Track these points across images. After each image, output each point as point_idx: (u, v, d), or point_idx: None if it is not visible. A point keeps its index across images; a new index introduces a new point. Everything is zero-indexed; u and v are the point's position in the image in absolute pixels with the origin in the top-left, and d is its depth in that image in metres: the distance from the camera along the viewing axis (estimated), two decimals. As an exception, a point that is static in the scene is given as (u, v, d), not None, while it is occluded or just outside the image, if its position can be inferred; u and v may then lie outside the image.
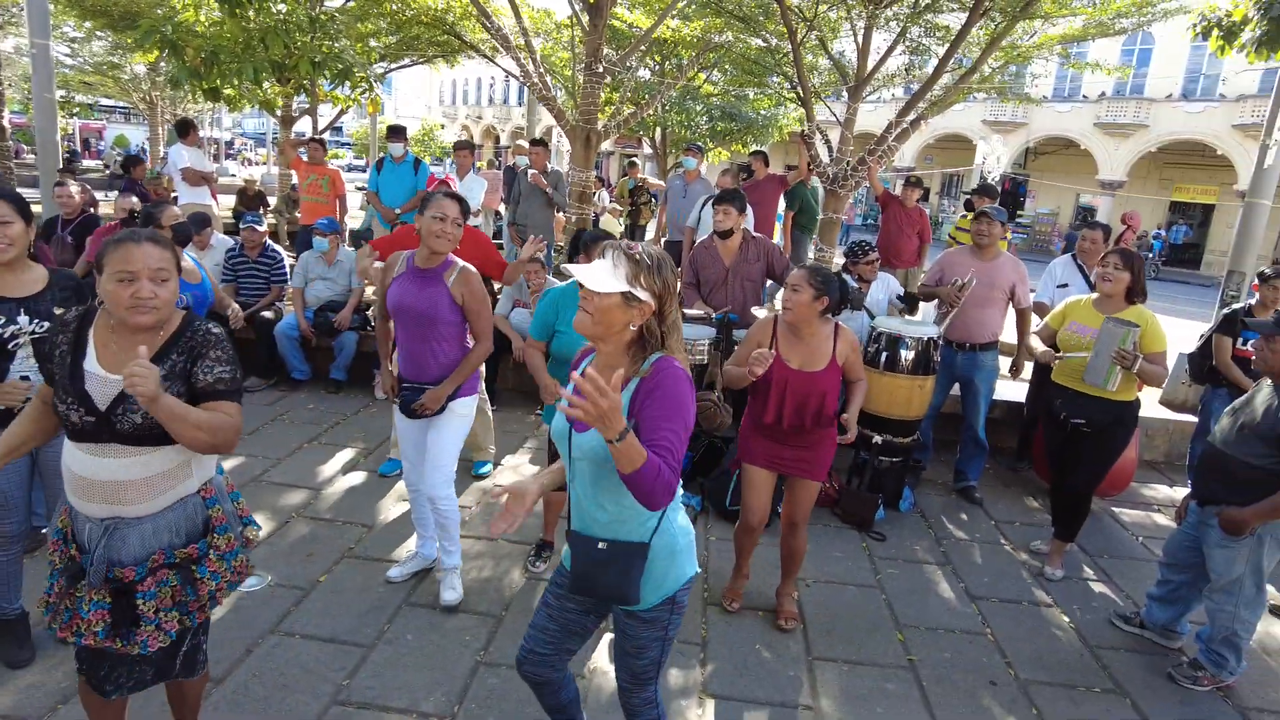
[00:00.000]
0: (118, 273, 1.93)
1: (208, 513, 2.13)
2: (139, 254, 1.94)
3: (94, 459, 1.97)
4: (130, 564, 2.01)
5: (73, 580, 2.03)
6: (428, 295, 3.20)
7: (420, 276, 3.23)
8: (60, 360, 2.01)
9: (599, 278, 1.85)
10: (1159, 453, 6.07)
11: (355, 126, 43.81)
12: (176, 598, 2.06)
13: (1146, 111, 26.57)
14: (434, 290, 3.21)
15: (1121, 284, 3.91)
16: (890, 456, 4.68)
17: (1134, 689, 3.27)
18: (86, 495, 2.00)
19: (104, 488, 1.98)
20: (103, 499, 1.99)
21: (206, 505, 2.14)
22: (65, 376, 1.98)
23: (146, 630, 2.01)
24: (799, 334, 3.26)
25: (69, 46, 22.68)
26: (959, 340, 4.88)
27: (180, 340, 2.05)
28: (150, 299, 1.94)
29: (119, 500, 1.99)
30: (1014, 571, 4.21)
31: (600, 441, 1.80)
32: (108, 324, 2.03)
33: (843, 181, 7.76)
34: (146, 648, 2.01)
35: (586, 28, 8.17)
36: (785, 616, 3.51)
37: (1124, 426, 3.97)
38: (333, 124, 14.58)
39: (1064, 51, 9.87)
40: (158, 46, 7.54)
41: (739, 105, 15.78)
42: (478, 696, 2.90)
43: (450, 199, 3.17)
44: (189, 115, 16.26)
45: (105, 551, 1.99)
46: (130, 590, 2.00)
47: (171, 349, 2.03)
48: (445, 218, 3.14)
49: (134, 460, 1.98)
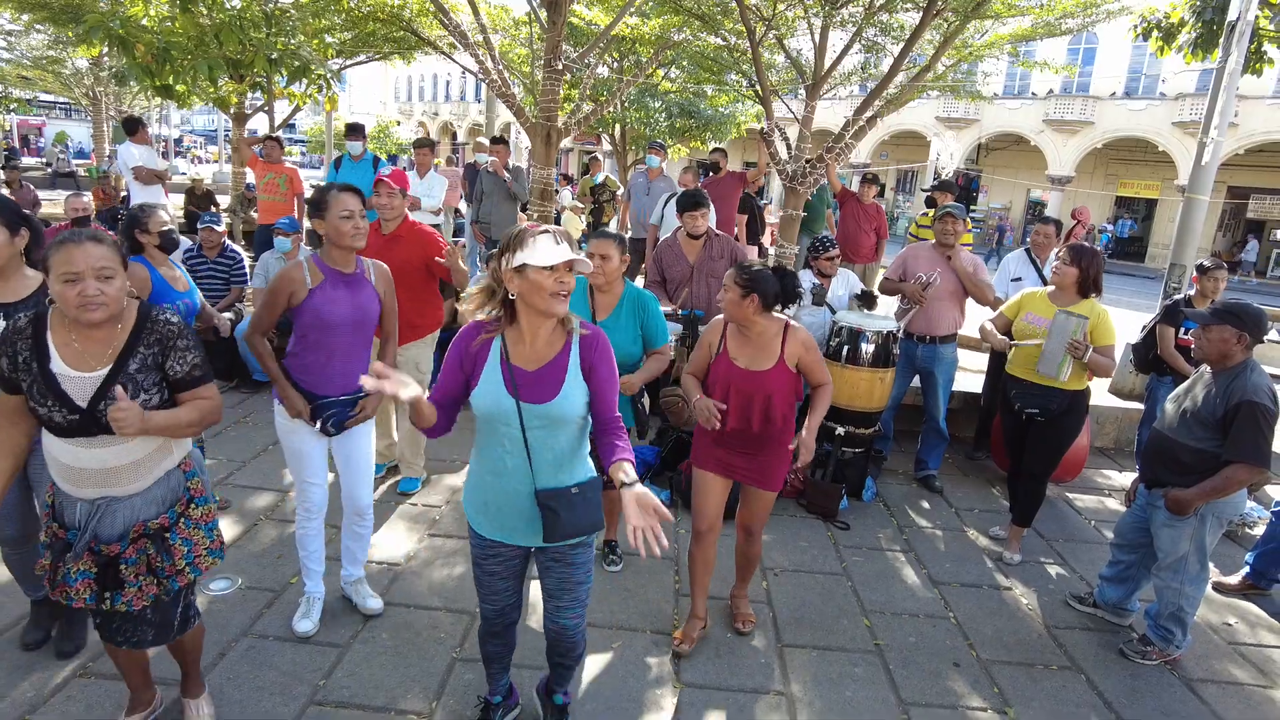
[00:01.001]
0: (63, 274, 1.99)
1: (187, 484, 2.32)
2: (80, 254, 1.99)
3: (84, 450, 2.09)
4: (115, 539, 2.18)
5: (58, 555, 2.19)
6: (363, 299, 3.02)
7: (346, 282, 2.99)
8: (26, 367, 2.05)
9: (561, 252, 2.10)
10: (1109, 439, 6.30)
11: (309, 124, 42.97)
12: (152, 564, 2.23)
13: (1092, 109, 27.40)
14: (367, 294, 3.04)
15: (1069, 277, 4.06)
16: (853, 447, 4.79)
17: (1088, 665, 3.42)
18: (77, 482, 2.14)
19: (95, 475, 2.13)
20: (94, 484, 2.14)
21: (186, 478, 2.32)
22: (39, 382, 2.03)
23: (130, 592, 2.21)
24: (745, 333, 3.12)
25: (4, 40, 21.88)
26: (919, 333, 5.02)
27: (143, 332, 2.14)
28: (97, 297, 2.00)
29: (111, 484, 2.15)
30: (974, 557, 4.35)
31: (561, 407, 2.20)
32: (64, 323, 2.08)
33: (801, 179, 7.88)
34: (131, 607, 2.22)
35: (545, 24, 8.15)
36: (741, 620, 3.48)
37: (1075, 414, 4.13)
38: (286, 121, 14.32)
39: (1014, 50, 10.11)
40: (105, 42, 7.33)
41: (697, 102, 15.87)
42: (455, 692, 2.92)
43: (349, 192, 2.95)
44: (135, 112, 15.80)
45: (95, 528, 2.16)
46: (115, 560, 2.18)
47: (138, 342, 2.13)
48: (353, 213, 2.92)
49: (122, 448, 2.13)
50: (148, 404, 2.13)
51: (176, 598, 2.36)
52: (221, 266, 6.19)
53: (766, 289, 2.98)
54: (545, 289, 2.10)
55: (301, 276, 2.93)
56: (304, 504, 3.17)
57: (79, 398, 2.05)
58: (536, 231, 2.11)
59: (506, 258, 2.12)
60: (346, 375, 3.03)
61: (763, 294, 2.97)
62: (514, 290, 2.15)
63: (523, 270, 2.10)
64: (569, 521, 2.23)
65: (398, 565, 3.80)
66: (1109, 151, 28.46)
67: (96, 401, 2.05)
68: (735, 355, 3.13)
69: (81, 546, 2.15)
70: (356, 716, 2.76)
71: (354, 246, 2.97)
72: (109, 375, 2.08)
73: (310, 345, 2.98)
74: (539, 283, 2.10)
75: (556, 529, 2.22)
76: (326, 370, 3.01)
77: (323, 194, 2.95)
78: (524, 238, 2.11)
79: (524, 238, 2.11)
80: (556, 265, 2.08)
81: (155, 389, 2.16)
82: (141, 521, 2.21)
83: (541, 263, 2.07)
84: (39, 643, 2.96)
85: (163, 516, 2.24)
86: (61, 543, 2.19)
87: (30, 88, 27.70)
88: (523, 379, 2.21)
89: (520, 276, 2.11)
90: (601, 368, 2.27)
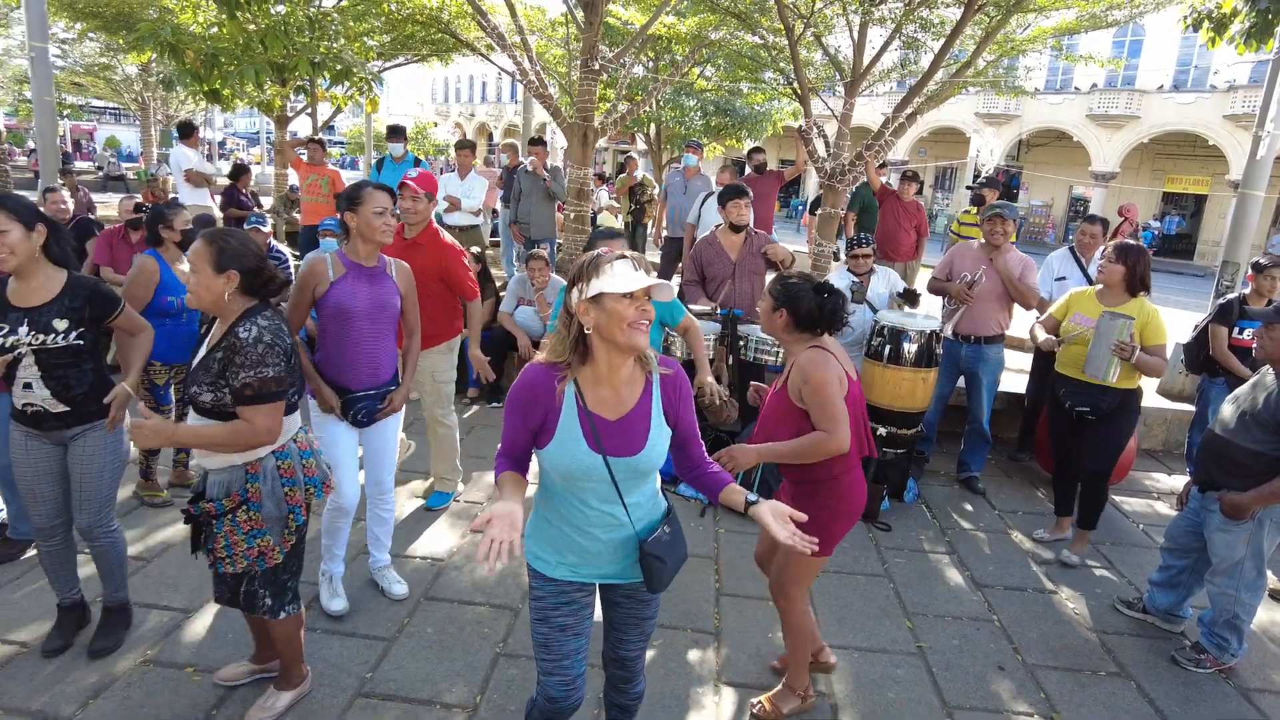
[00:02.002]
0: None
1: (246, 486, 2.41)
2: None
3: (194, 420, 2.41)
4: (209, 501, 2.44)
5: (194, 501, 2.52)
6: (382, 292, 3.14)
7: (367, 275, 3.12)
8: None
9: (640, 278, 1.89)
10: (1157, 441, 6.15)
11: (349, 125, 43.65)
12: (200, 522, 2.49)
13: (1138, 103, 26.71)
14: (387, 287, 3.16)
15: (1115, 275, 3.97)
16: (894, 448, 4.74)
17: (1139, 672, 3.35)
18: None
19: None
20: (199, 451, 2.44)
21: (248, 479, 2.42)
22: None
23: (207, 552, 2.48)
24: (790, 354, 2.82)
25: (60, 48, 22.56)
26: (965, 333, 4.95)
27: (229, 335, 2.31)
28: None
29: (203, 453, 2.42)
30: (1019, 559, 4.28)
31: (650, 459, 2.01)
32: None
33: (840, 176, 7.81)
34: (220, 567, 2.48)
35: (582, 24, 8.20)
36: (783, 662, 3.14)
37: (1128, 412, 4.05)
38: (328, 123, 14.58)
39: (1057, 44, 9.93)
40: (156, 49, 7.53)
41: (733, 100, 15.81)
42: (499, 687, 2.96)
43: (380, 190, 3.08)
44: (188, 117, 16.21)
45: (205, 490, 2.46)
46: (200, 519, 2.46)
47: (222, 341, 2.31)
48: (385, 210, 3.05)
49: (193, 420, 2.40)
50: (198, 396, 2.32)
51: (239, 578, 2.51)
52: (267, 267, 6.32)
53: (797, 306, 2.65)
54: (625, 319, 1.86)
55: (324, 270, 3.07)
56: (342, 499, 3.26)
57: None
58: (613, 257, 1.90)
59: (580, 287, 1.90)
60: (372, 366, 3.16)
61: (793, 311, 2.65)
62: (589, 324, 1.90)
63: (599, 300, 1.87)
64: (672, 566, 2.05)
65: (441, 561, 3.85)
66: (1156, 146, 27.74)
67: (188, 389, 2.38)
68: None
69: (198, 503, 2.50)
70: (402, 709, 2.81)
71: (383, 242, 3.10)
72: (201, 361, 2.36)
73: (331, 337, 3.11)
74: (618, 312, 1.86)
75: (663, 577, 2.03)
76: (349, 360, 3.12)
77: (358, 189, 3.07)
78: (599, 264, 1.89)
79: (599, 264, 1.89)
80: (636, 292, 1.86)
81: (209, 389, 2.31)
82: (211, 500, 2.43)
83: (621, 290, 1.84)
84: (59, 650, 2.96)
85: (212, 505, 2.42)
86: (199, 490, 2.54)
87: (82, 94, 28.56)
88: (605, 429, 1.97)
89: (596, 307, 1.88)
90: (686, 413, 2.10)
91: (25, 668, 2.88)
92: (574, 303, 1.92)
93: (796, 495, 2.76)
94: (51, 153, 8.48)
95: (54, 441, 2.83)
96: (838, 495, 2.70)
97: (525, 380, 1.99)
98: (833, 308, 2.66)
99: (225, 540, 2.43)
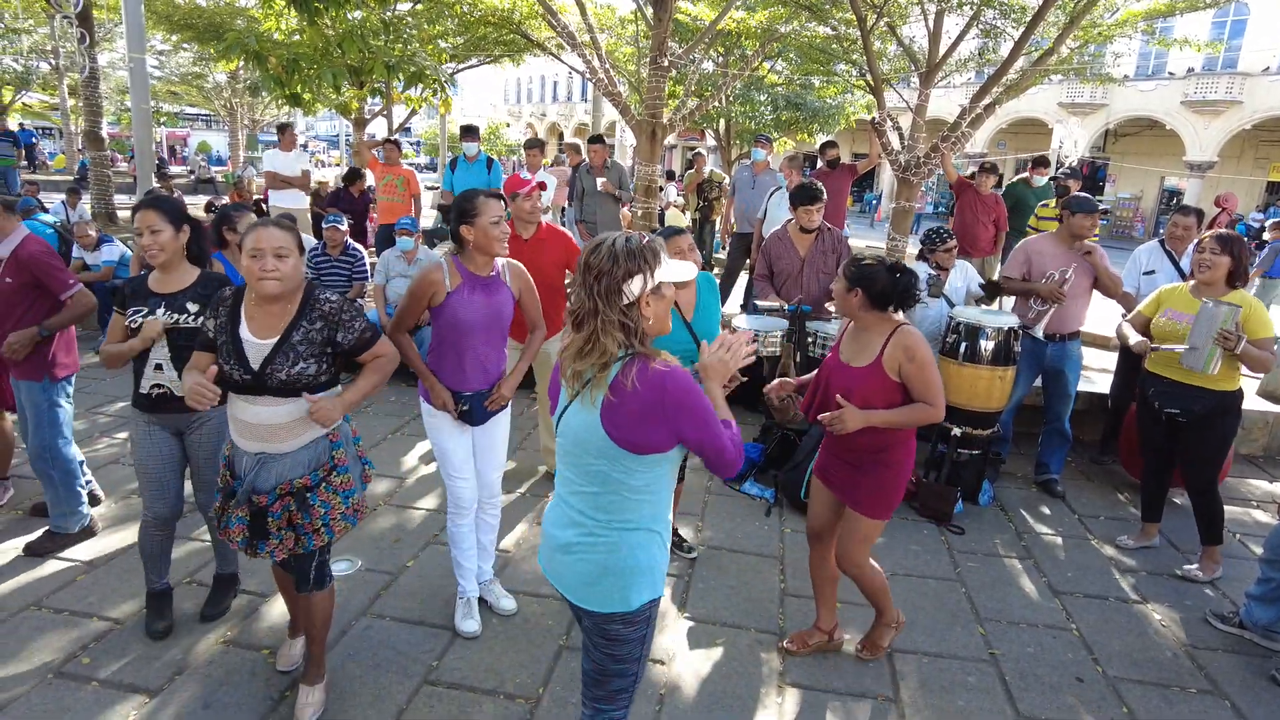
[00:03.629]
0: (249, 250, 2.36)
1: (333, 453, 2.56)
2: (264, 235, 2.38)
3: (251, 407, 2.43)
4: (266, 491, 2.47)
5: (226, 499, 2.54)
6: (498, 302, 3.07)
7: (484, 285, 3.04)
8: (220, 330, 2.47)
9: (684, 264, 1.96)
10: (1257, 446, 5.79)
11: (424, 127, 44.75)
12: (293, 520, 2.50)
13: (1240, 87, 25.14)
14: (503, 296, 3.09)
15: (1221, 269, 3.73)
16: (969, 449, 4.59)
17: (1234, 691, 3.15)
18: (245, 435, 2.48)
19: (258, 429, 2.45)
20: (256, 438, 2.46)
21: (332, 447, 2.57)
22: (229, 343, 2.43)
23: (273, 544, 2.50)
24: (858, 328, 2.98)
25: (157, 59, 23.84)
26: (1048, 332, 4.73)
27: (306, 310, 2.47)
28: (273, 271, 2.37)
29: (270, 439, 2.46)
30: (1100, 566, 4.09)
31: None
32: (251, 299, 2.47)
33: (915, 169, 7.61)
34: (274, 557, 2.53)
35: (651, 22, 8.20)
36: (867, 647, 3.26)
37: (1228, 415, 3.81)
38: (403, 125, 14.97)
39: (1149, 28, 9.43)
40: (242, 57, 7.88)
41: (803, 94, 15.59)
42: (561, 679, 2.98)
43: (493, 197, 3.00)
44: (286, 120, 16.90)
45: (253, 479, 2.47)
46: (264, 512, 2.47)
47: (301, 318, 2.45)
48: (500, 218, 2.98)
49: (280, 408, 2.43)
50: (305, 372, 2.43)
51: (311, 555, 2.61)
52: (344, 264, 6.53)
53: (872, 285, 2.79)
54: (669, 305, 1.93)
55: (441, 279, 2.96)
56: (454, 500, 3.22)
57: (254, 360, 2.40)
58: (657, 244, 1.91)
59: (645, 278, 1.84)
60: (484, 370, 3.10)
61: (868, 290, 2.80)
62: (650, 315, 1.88)
63: (659, 290, 1.88)
64: None
65: (507, 552, 3.91)
66: (1259, 133, 26.09)
67: (265, 367, 2.39)
68: (843, 350, 3.03)
69: (244, 493, 2.47)
70: (467, 698, 2.86)
71: (501, 253, 3.04)
72: (277, 343, 2.42)
73: (447, 345, 3.04)
74: (670, 299, 1.93)
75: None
76: (461, 369, 3.06)
77: (470, 200, 2.95)
78: (658, 254, 1.88)
79: (658, 254, 1.88)
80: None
81: (314, 359, 2.45)
82: (288, 480, 2.48)
83: (677, 279, 1.92)
84: (165, 632, 3.11)
85: (306, 477, 2.50)
86: (230, 488, 2.53)
87: (177, 102, 30.10)
88: None
89: (657, 297, 1.88)
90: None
91: (118, 643, 3.05)
92: (636, 292, 1.83)
93: (864, 464, 2.93)
94: (148, 158, 8.94)
95: (172, 430, 3.05)
96: (904, 458, 2.93)
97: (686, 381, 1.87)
98: (905, 285, 2.81)
99: (324, 509, 2.51)
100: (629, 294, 1.83)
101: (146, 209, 2.90)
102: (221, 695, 2.80)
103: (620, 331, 1.83)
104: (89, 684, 2.82)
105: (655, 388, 1.81)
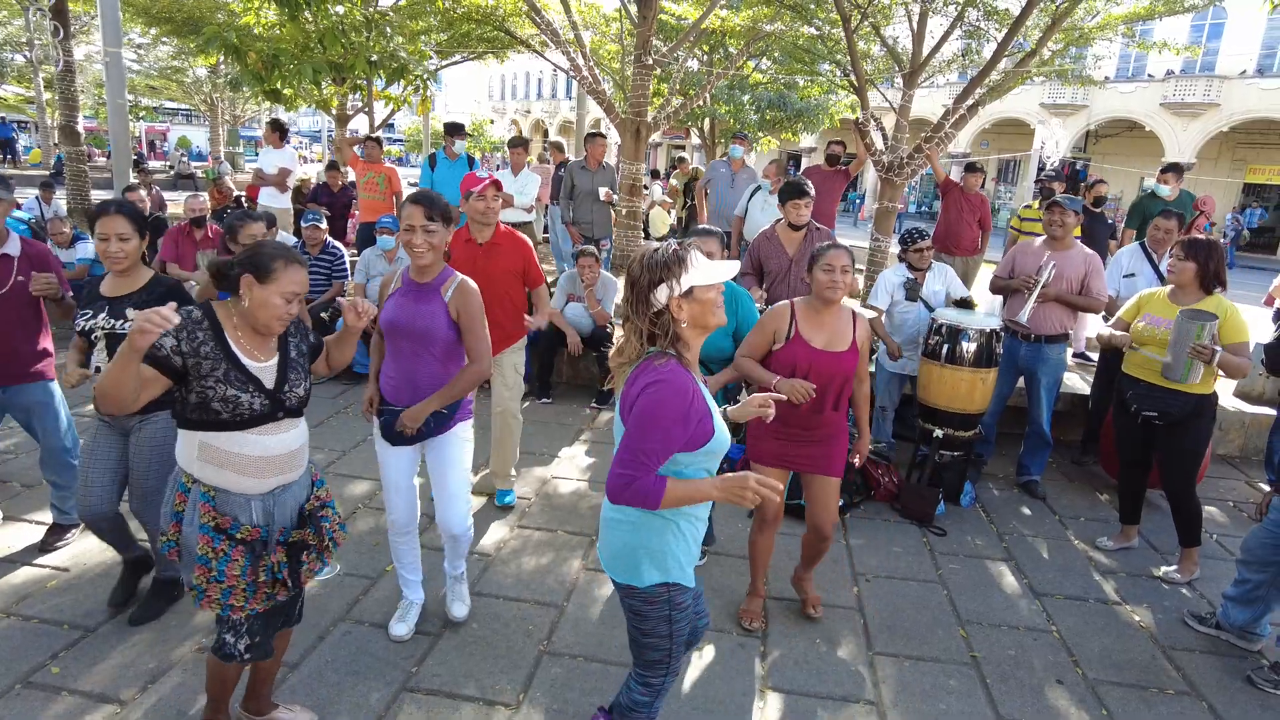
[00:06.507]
0: (285, 292, 2.19)
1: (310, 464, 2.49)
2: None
3: (271, 437, 2.25)
4: (291, 525, 2.34)
5: (257, 558, 2.24)
6: (426, 312, 2.91)
7: (416, 291, 2.95)
8: (211, 356, 2.17)
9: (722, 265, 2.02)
10: (1234, 447, 5.85)
11: (408, 123, 44.47)
12: (307, 543, 2.38)
13: (1218, 89, 25.42)
14: (431, 307, 2.92)
15: (1187, 274, 3.78)
16: (951, 450, 4.60)
17: (1210, 692, 3.18)
18: (262, 473, 2.25)
19: (278, 461, 2.27)
20: (275, 471, 2.27)
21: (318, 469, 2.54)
22: (234, 370, 2.19)
23: (303, 573, 2.36)
24: (821, 316, 3.14)
25: (135, 53, 23.50)
26: (1024, 332, 4.76)
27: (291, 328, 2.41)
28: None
29: (290, 468, 2.32)
30: (1080, 568, 4.12)
31: None
32: (230, 319, 2.25)
33: (898, 169, 7.63)
34: (324, 565, 2.45)
35: (635, 20, 8.17)
36: (811, 604, 3.52)
37: (1203, 418, 3.84)
38: (385, 121, 14.85)
39: (1129, 31, 9.50)
40: (221, 51, 7.77)
41: (787, 94, 15.60)
42: (542, 685, 2.95)
43: (414, 204, 2.85)
44: (247, 117, 16.72)
45: (277, 519, 2.29)
46: (299, 545, 2.33)
47: (288, 335, 2.38)
48: (413, 227, 2.82)
49: (298, 429, 2.35)
50: (307, 385, 2.37)
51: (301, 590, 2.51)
52: (323, 263, 6.46)
53: None
54: (715, 304, 1.98)
55: (391, 281, 3.10)
56: (388, 514, 3.15)
57: (268, 382, 2.25)
58: (685, 251, 1.96)
59: (671, 284, 1.93)
60: (411, 384, 2.95)
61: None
62: (684, 318, 1.97)
63: (691, 294, 1.95)
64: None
65: (488, 556, 3.87)
66: (1236, 135, 26.42)
67: (280, 386, 2.27)
68: (810, 337, 3.13)
69: (275, 540, 2.27)
70: (447, 704, 2.83)
71: (411, 260, 2.93)
72: (280, 362, 2.30)
73: (390, 349, 3.02)
74: (711, 300, 1.97)
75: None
76: (393, 375, 2.99)
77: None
78: (685, 260, 1.94)
79: (685, 260, 1.94)
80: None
81: (305, 371, 2.40)
82: (299, 504, 2.38)
83: (712, 280, 1.96)
84: (123, 604, 3.22)
85: (322, 491, 2.48)
86: (258, 541, 2.24)
87: (157, 96, 29.73)
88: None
89: (690, 301, 1.95)
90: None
91: (88, 651, 2.99)
92: (663, 300, 1.94)
93: (834, 434, 3.24)
94: (124, 153, 8.79)
95: (119, 430, 3.09)
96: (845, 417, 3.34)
97: (678, 388, 1.92)
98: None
99: (325, 523, 2.44)
100: (656, 302, 1.95)
101: (116, 215, 2.86)
102: (196, 704, 2.75)
103: (648, 336, 1.98)
104: (59, 694, 2.76)
105: (637, 383, 1.96)
